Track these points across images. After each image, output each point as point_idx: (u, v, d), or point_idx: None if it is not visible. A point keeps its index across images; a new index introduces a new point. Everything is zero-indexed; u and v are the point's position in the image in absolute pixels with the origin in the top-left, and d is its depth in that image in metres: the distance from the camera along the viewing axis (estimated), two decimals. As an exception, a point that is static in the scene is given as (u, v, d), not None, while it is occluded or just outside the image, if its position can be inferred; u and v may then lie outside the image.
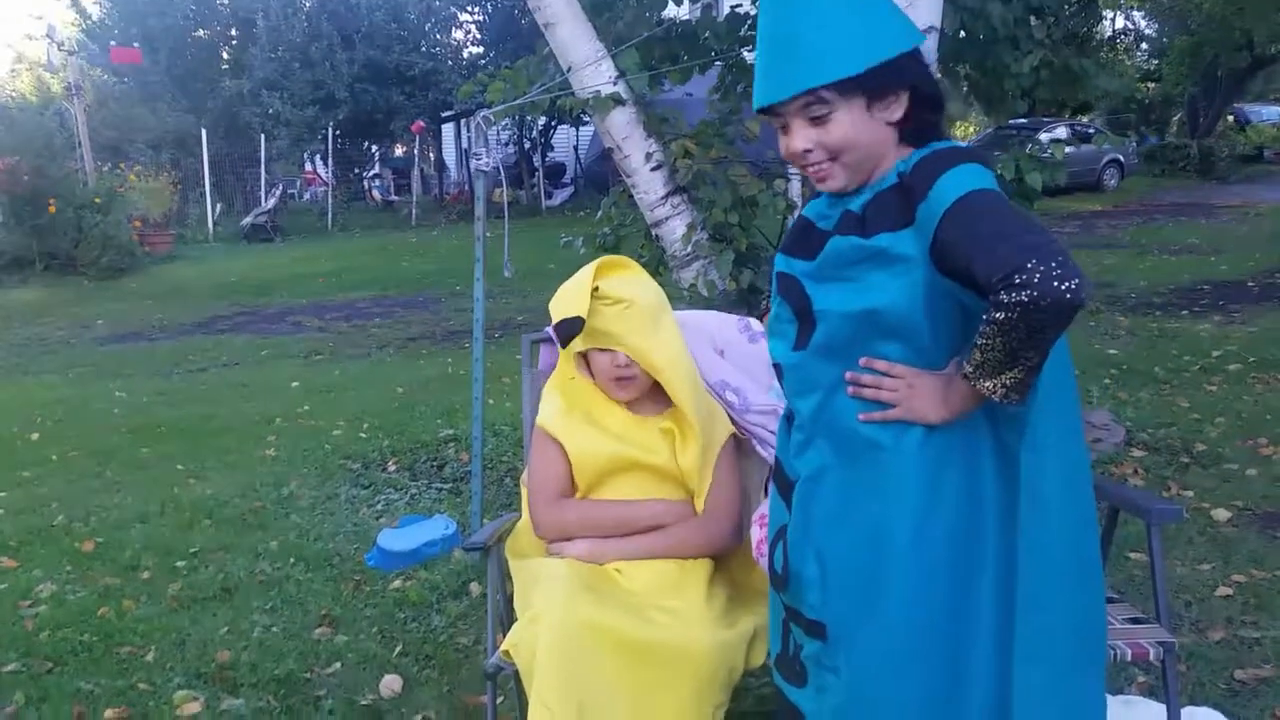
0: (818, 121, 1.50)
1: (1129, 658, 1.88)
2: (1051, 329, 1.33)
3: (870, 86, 1.48)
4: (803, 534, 1.60)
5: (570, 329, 2.03)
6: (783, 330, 1.64)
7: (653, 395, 2.15)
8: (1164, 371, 5.72)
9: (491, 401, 5.55)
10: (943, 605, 1.49)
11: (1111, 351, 6.26)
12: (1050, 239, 1.34)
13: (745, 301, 4.02)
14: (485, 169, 3.28)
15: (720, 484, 2.11)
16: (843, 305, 1.52)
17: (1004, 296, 1.31)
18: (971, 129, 23.83)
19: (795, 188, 4.07)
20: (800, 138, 1.51)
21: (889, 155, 1.53)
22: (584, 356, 2.16)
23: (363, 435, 5.36)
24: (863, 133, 1.50)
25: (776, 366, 1.66)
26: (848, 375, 1.53)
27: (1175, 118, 25.01)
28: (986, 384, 1.41)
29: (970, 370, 1.42)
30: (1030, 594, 1.47)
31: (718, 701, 1.81)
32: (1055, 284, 1.29)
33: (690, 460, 2.08)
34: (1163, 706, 2.20)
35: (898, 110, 1.51)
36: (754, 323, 2.47)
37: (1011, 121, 17.54)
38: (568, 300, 2.06)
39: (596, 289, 2.05)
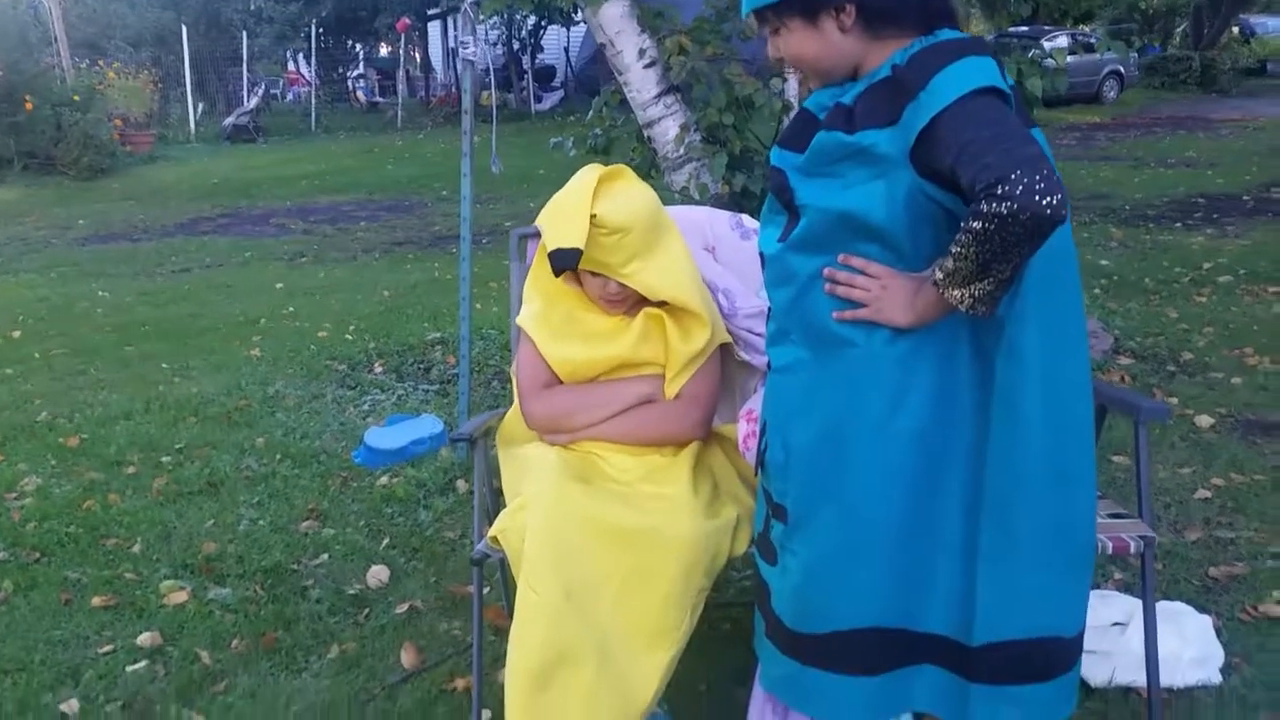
0: (776, 34, 1.55)
1: (1110, 551, 1.89)
2: (1027, 243, 1.32)
3: (798, 8, 1.49)
4: (772, 422, 1.64)
5: (566, 260, 1.93)
6: (774, 221, 1.63)
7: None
8: (1154, 283, 5.72)
9: (479, 306, 5.50)
10: (903, 502, 1.50)
11: (1103, 262, 6.23)
12: (1039, 152, 1.32)
13: (737, 206, 3.96)
14: (472, 59, 3.17)
15: (699, 378, 2.09)
16: (822, 201, 1.51)
17: (984, 205, 1.30)
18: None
19: (792, 87, 3.96)
20: (770, 46, 1.58)
21: (869, 55, 1.50)
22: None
23: (349, 337, 5.33)
24: (810, 47, 1.52)
25: (761, 256, 1.65)
26: (825, 271, 1.52)
27: (1179, 28, 24.48)
28: (955, 293, 1.40)
29: (941, 278, 1.41)
30: (996, 497, 1.48)
31: (701, 586, 1.83)
32: (1036, 198, 1.27)
33: (695, 346, 2.04)
34: (1137, 601, 2.24)
35: (847, 20, 1.48)
36: (746, 219, 2.42)
37: (1012, 29, 17.16)
38: (564, 225, 1.94)
39: (594, 216, 1.93)
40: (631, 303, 2.09)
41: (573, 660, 1.71)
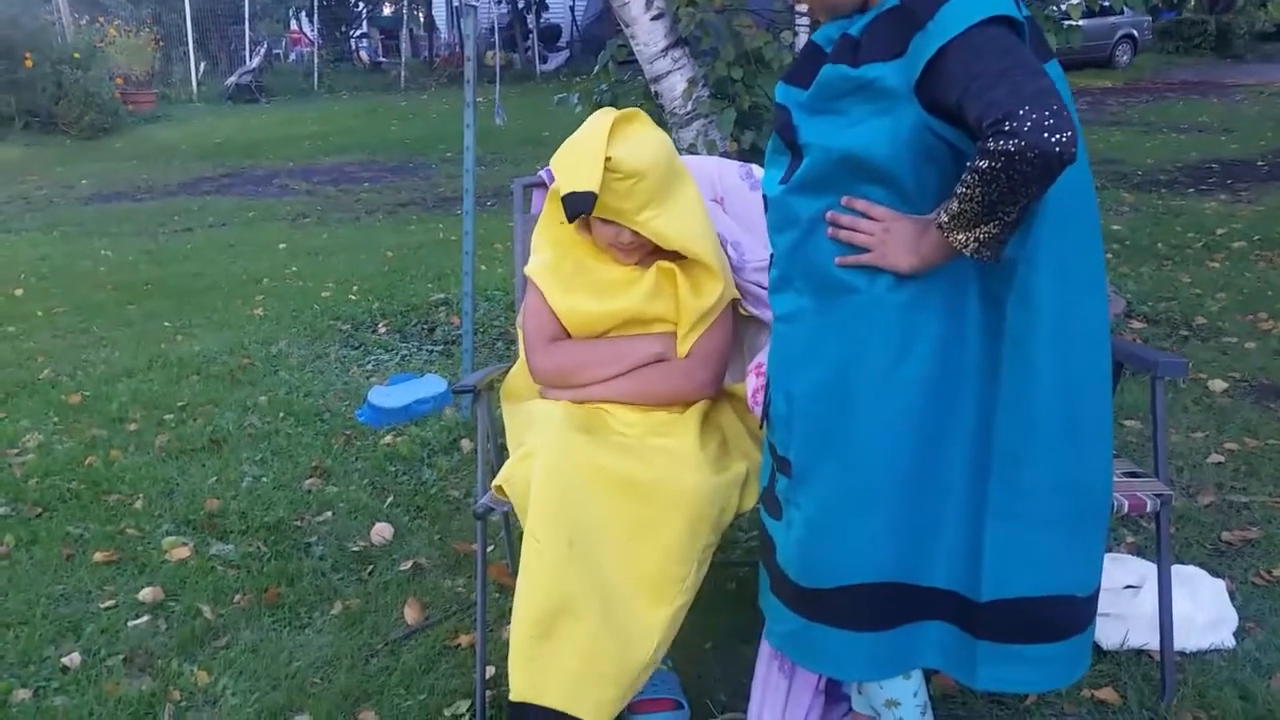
0: None
1: (1125, 509, 1.86)
2: (1035, 183, 1.26)
3: None
4: (775, 372, 1.59)
5: (580, 204, 1.87)
6: (777, 161, 1.58)
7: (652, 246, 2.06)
8: (1167, 248, 5.64)
9: (483, 268, 5.46)
10: (908, 452, 1.46)
11: (1115, 227, 6.15)
12: (1050, 86, 1.26)
13: (746, 163, 3.90)
14: (475, 3, 3.09)
15: (710, 335, 2.05)
16: (825, 139, 1.45)
17: (991, 143, 1.24)
18: None
19: (803, 41, 3.88)
20: None
21: None
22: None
23: (352, 297, 5.29)
24: None
25: (764, 200, 1.60)
26: (828, 215, 1.47)
27: (1194, -8, 24.08)
28: (959, 237, 1.35)
29: (946, 220, 1.35)
30: (1006, 448, 1.44)
31: (708, 541, 1.80)
32: (1045, 135, 1.22)
33: (706, 302, 1.99)
34: (1150, 564, 2.22)
35: None
36: (756, 169, 2.36)
37: (1025, -9, 16.87)
38: (578, 168, 1.88)
39: (609, 159, 1.88)
40: (644, 253, 2.04)
41: (574, 611, 1.68)
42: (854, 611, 1.53)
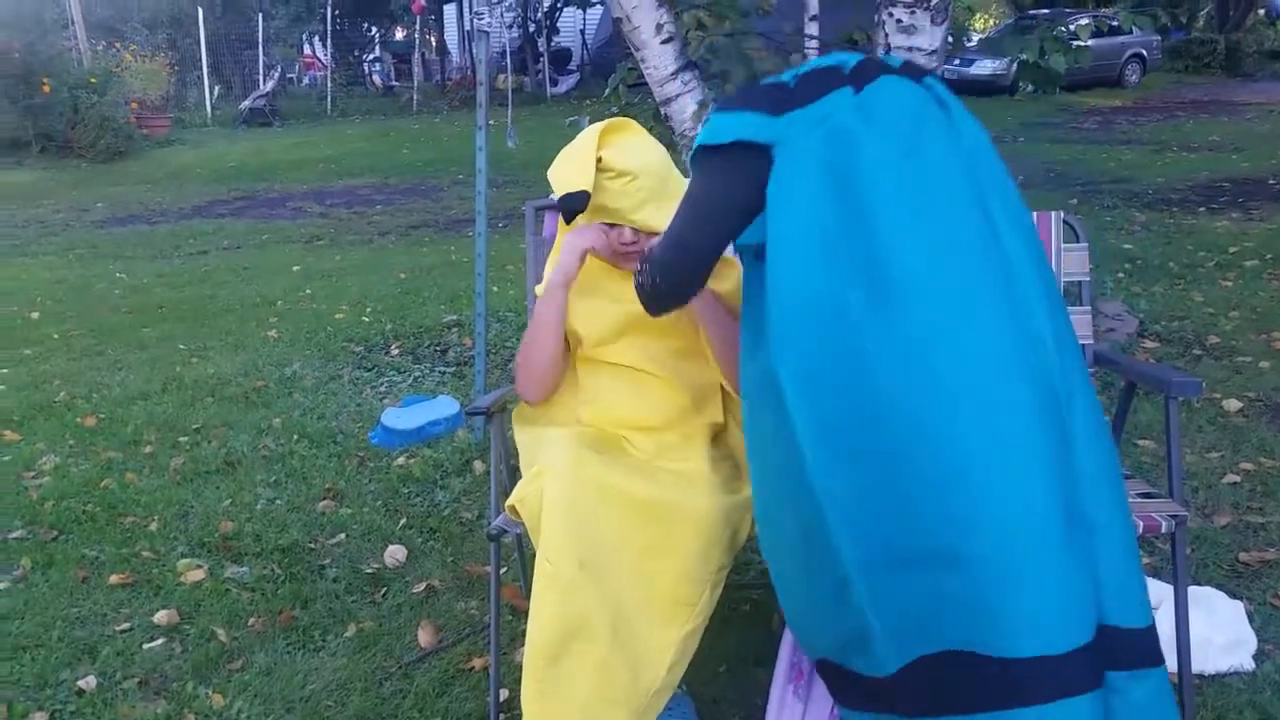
0: None
1: (1140, 530, 1.85)
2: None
3: None
4: None
5: (574, 204, 1.91)
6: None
7: None
8: (1179, 267, 5.63)
9: (495, 289, 5.48)
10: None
11: (1126, 246, 6.15)
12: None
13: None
14: (487, 29, 3.12)
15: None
16: None
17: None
18: (992, 20, 23.07)
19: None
20: None
21: None
22: None
23: (365, 319, 5.32)
24: None
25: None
26: None
27: (1204, 10, 24.14)
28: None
29: None
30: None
31: (720, 563, 1.79)
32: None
33: (726, 285, 1.99)
34: (1166, 585, 2.20)
35: None
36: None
37: (1032, 12, 16.99)
38: (571, 171, 1.93)
39: (600, 160, 1.92)
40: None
41: (585, 634, 1.68)
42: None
